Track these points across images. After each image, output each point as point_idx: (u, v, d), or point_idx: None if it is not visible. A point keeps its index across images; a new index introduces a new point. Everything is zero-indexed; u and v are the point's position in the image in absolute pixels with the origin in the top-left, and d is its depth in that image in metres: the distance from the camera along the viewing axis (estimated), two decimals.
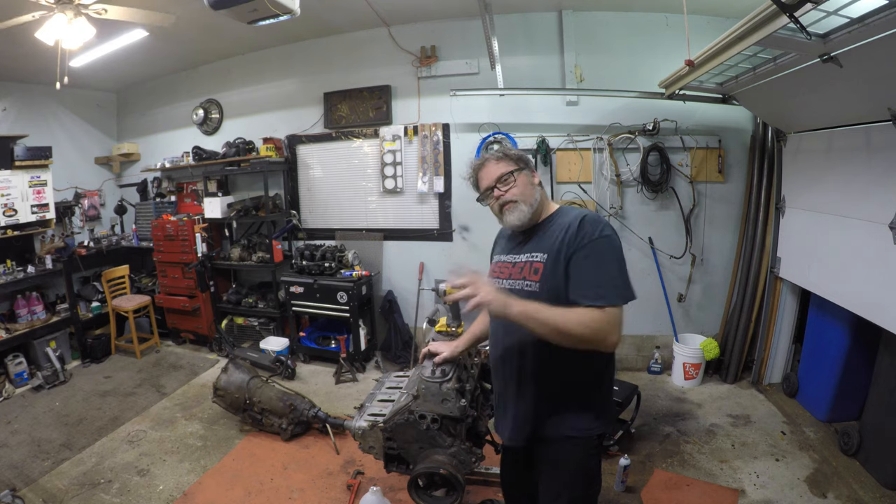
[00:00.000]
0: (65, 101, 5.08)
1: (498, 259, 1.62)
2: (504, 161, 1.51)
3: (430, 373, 1.78)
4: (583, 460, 1.48)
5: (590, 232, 1.35)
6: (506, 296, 1.31)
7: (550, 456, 1.51)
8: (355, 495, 2.56)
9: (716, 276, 3.94)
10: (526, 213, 1.46)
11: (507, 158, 1.51)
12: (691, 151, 3.75)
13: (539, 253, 1.43)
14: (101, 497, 2.61)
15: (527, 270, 1.45)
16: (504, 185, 1.48)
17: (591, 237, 1.34)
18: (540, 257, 1.42)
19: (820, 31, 1.91)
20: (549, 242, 1.42)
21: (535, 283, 1.41)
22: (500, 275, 1.55)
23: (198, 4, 2.29)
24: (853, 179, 2.61)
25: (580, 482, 1.50)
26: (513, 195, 1.47)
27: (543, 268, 1.40)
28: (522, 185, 1.48)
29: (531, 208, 1.47)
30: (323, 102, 4.53)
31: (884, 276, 2.36)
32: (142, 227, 5.30)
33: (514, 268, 1.50)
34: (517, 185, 1.47)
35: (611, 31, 3.80)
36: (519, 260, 1.50)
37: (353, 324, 4.09)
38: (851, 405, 2.89)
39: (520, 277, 1.46)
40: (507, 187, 1.48)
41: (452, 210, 4.26)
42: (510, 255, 1.55)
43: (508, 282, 1.50)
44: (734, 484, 2.56)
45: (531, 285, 1.42)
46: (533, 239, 1.49)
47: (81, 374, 4.29)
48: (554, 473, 1.52)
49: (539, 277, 1.41)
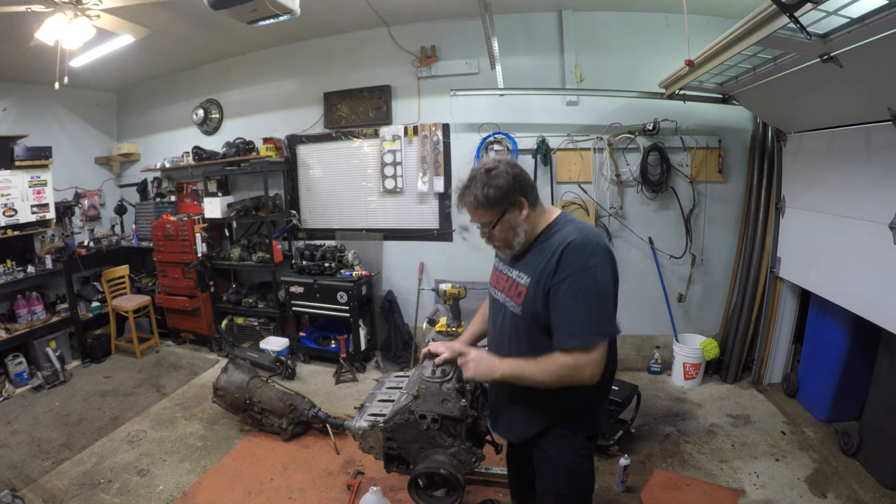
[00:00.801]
0: (65, 101, 5.08)
1: (497, 266, 1.63)
2: (482, 210, 1.41)
3: (430, 373, 1.78)
4: (572, 460, 1.49)
5: (570, 264, 1.29)
6: (488, 363, 1.43)
7: (543, 454, 1.53)
8: (355, 495, 2.56)
9: (716, 276, 3.94)
10: (515, 250, 1.45)
11: (485, 207, 1.40)
12: (691, 151, 3.75)
13: (525, 275, 1.42)
14: (101, 497, 2.61)
15: (513, 290, 1.46)
16: (487, 230, 1.45)
17: (573, 270, 1.28)
18: (524, 280, 1.41)
19: (820, 31, 1.90)
20: (535, 265, 1.39)
21: (518, 307, 1.43)
22: (496, 284, 1.58)
23: (198, 4, 2.29)
24: (853, 179, 2.61)
25: (569, 482, 1.51)
26: (497, 241, 1.46)
27: (526, 292, 1.39)
28: (505, 230, 1.42)
29: (519, 245, 1.44)
30: (323, 102, 4.53)
31: (884, 276, 2.35)
32: (142, 227, 5.29)
33: (507, 282, 1.51)
34: (498, 231, 1.42)
35: (611, 31, 3.79)
36: (511, 275, 1.50)
37: (353, 324, 4.09)
38: (851, 405, 2.89)
39: (509, 294, 1.48)
40: (491, 234, 1.45)
41: (452, 210, 4.26)
42: (505, 267, 1.55)
43: (502, 294, 1.53)
44: (734, 484, 2.56)
45: (514, 307, 1.45)
46: (525, 256, 1.46)
47: (81, 374, 4.29)
48: (546, 471, 1.54)
49: (521, 301, 1.41)
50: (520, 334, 1.45)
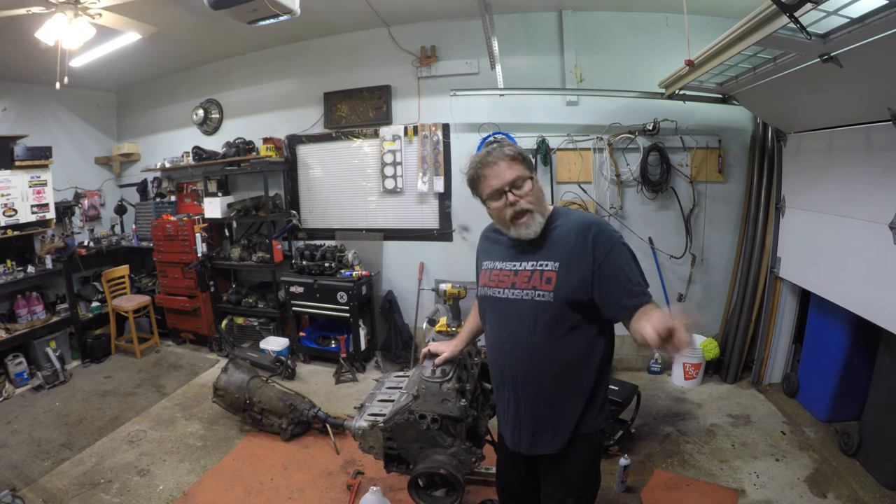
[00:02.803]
0: (65, 101, 5.08)
1: (492, 266, 1.52)
2: (518, 163, 1.38)
3: (430, 373, 1.78)
4: (589, 458, 1.48)
5: (605, 241, 1.35)
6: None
7: (557, 457, 1.47)
8: (355, 495, 2.56)
9: (716, 276, 3.94)
10: (540, 224, 1.39)
11: (522, 161, 1.39)
12: (691, 151, 3.75)
13: (549, 261, 1.38)
14: (101, 497, 2.61)
15: (536, 279, 1.39)
16: (519, 191, 1.37)
17: (609, 244, 1.35)
18: (551, 266, 1.37)
19: (820, 31, 1.90)
20: (559, 250, 1.37)
21: (549, 293, 1.36)
22: (500, 284, 1.47)
23: (198, 4, 2.29)
24: (853, 179, 2.61)
25: (587, 479, 1.50)
26: (529, 203, 1.37)
27: (557, 276, 1.36)
28: (538, 190, 1.40)
29: (544, 219, 1.40)
30: (323, 102, 4.53)
31: (884, 276, 2.35)
32: (142, 227, 5.29)
33: (518, 276, 1.42)
34: (534, 190, 1.38)
35: (611, 31, 3.79)
36: (523, 268, 1.42)
37: (353, 324, 4.09)
38: (851, 405, 2.89)
39: (528, 287, 1.40)
40: (523, 193, 1.37)
41: (452, 210, 4.26)
42: (509, 263, 1.46)
43: (512, 291, 1.43)
44: (734, 484, 2.56)
45: (544, 294, 1.37)
46: (538, 245, 1.41)
47: (81, 374, 4.29)
48: (561, 473, 1.48)
49: (553, 286, 1.36)
50: (551, 322, 1.37)
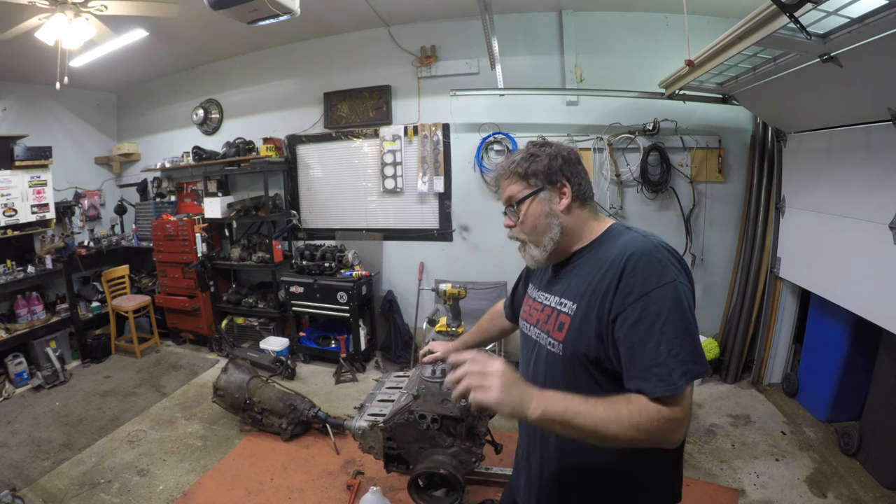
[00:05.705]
0: (65, 101, 5.08)
1: (531, 293, 1.24)
2: (511, 180, 1.11)
3: (431, 373, 1.78)
4: None
5: (640, 281, 0.94)
6: (521, 391, 0.91)
7: None
8: (355, 495, 2.56)
9: (716, 276, 3.93)
10: (537, 256, 1.10)
11: (516, 176, 1.10)
12: (691, 151, 3.75)
13: (568, 300, 1.06)
14: (101, 497, 2.61)
15: (552, 322, 1.09)
16: (512, 215, 1.12)
17: (645, 288, 0.93)
18: (568, 307, 1.06)
19: (820, 31, 1.91)
20: (583, 286, 1.04)
21: (559, 343, 1.05)
22: (528, 318, 1.20)
23: (198, 4, 2.29)
24: (853, 179, 2.61)
25: None
26: (518, 233, 1.12)
27: (570, 323, 1.04)
28: (535, 216, 1.08)
29: (551, 245, 1.08)
30: (323, 102, 4.53)
31: (884, 276, 2.35)
32: (142, 227, 5.29)
33: (543, 313, 1.14)
34: (527, 216, 1.09)
35: (611, 31, 3.79)
36: (548, 303, 1.13)
37: (353, 324, 4.09)
38: (851, 405, 2.89)
39: (545, 329, 1.11)
40: (515, 219, 1.11)
41: (452, 210, 4.26)
42: (542, 293, 1.18)
43: (535, 330, 1.15)
44: (734, 484, 2.56)
45: (554, 345, 1.07)
46: (566, 275, 1.11)
47: (81, 374, 4.29)
48: None
49: (563, 336, 1.05)
50: (559, 382, 1.06)
